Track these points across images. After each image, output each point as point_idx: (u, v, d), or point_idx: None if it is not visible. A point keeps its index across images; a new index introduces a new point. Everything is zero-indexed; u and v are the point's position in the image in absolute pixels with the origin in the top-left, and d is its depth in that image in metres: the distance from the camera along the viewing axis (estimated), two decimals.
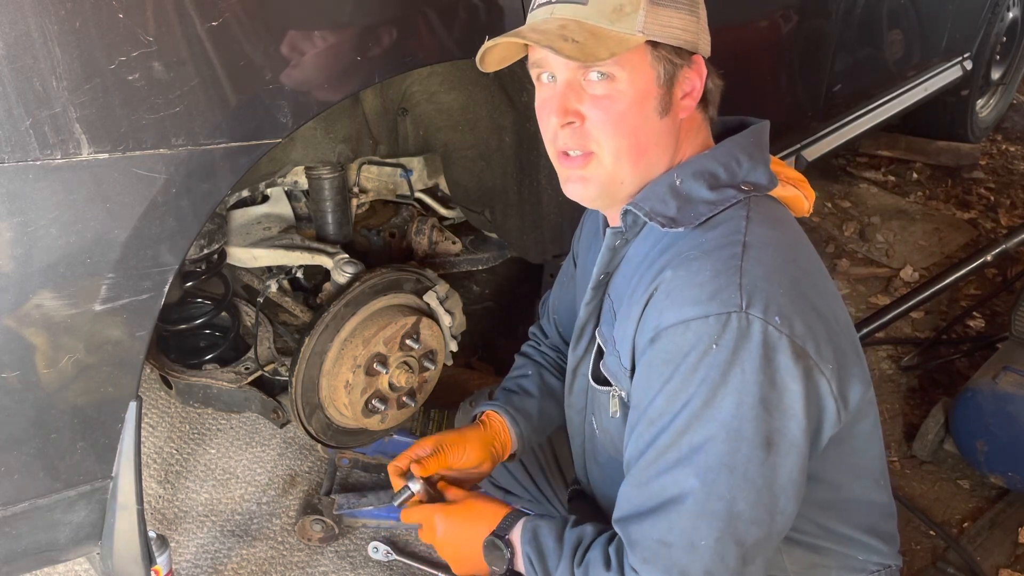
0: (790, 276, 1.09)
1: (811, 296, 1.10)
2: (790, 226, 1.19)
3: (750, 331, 1.03)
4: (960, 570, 2.01)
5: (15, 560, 1.32)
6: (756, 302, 1.04)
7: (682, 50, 1.14)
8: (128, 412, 1.30)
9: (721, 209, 1.13)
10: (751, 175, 1.17)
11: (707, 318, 1.04)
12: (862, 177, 3.94)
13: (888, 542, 1.31)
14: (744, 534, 1.05)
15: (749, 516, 1.05)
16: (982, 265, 2.85)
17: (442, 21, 1.50)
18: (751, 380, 1.03)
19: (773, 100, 2.64)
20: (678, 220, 1.12)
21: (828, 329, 1.09)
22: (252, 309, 1.98)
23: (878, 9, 2.89)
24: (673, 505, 1.05)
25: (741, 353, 1.03)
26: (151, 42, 1.14)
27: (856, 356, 1.15)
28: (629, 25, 1.10)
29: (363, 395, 1.84)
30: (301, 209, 2.08)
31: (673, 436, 1.06)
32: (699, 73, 1.16)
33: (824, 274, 1.20)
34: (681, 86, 1.16)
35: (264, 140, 1.30)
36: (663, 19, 1.12)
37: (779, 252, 1.11)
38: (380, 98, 1.90)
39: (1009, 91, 4.40)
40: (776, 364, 1.04)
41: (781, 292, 1.06)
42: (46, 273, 1.15)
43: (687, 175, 1.15)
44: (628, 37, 1.10)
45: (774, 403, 1.04)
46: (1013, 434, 2.11)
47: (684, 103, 1.17)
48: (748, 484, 1.04)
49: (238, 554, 1.98)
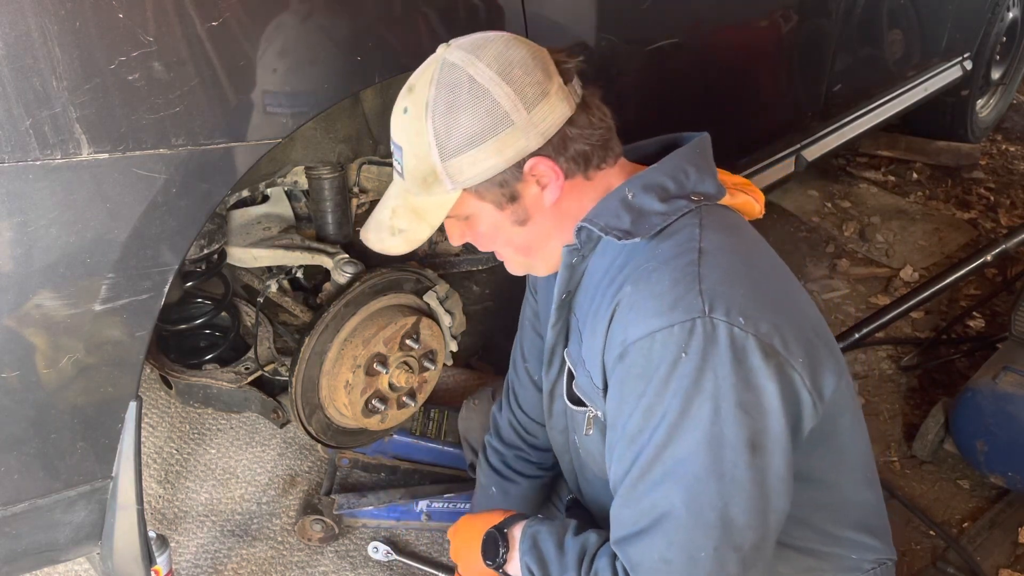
0: (749, 277, 1.10)
1: (772, 294, 1.12)
2: (744, 230, 1.21)
3: (716, 335, 1.03)
4: (960, 570, 2.01)
5: (15, 560, 1.32)
6: (718, 305, 1.04)
7: (509, 169, 1.13)
8: (128, 412, 1.30)
9: (674, 219, 1.14)
10: (699, 186, 1.18)
11: (672, 327, 1.04)
12: (862, 177, 3.94)
13: (881, 537, 1.31)
14: (741, 539, 1.05)
15: (743, 521, 1.05)
16: (982, 265, 2.85)
17: (442, 21, 1.50)
18: (725, 384, 1.03)
19: (773, 100, 2.64)
20: (633, 232, 1.13)
21: (793, 323, 1.10)
22: (252, 309, 1.98)
23: (878, 9, 2.88)
24: (667, 521, 1.06)
25: (711, 358, 1.03)
26: (151, 42, 1.14)
27: (826, 347, 1.16)
28: (440, 189, 1.15)
29: (363, 395, 1.84)
30: (301, 209, 2.08)
31: (655, 451, 1.06)
32: (545, 168, 1.14)
33: (785, 273, 1.21)
34: (531, 186, 1.16)
35: (264, 140, 1.30)
36: (466, 165, 1.12)
37: (735, 255, 1.12)
38: (380, 98, 1.90)
39: (1009, 91, 4.40)
40: (748, 365, 1.04)
41: (741, 293, 1.07)
42: (46, 273, 1.15)
43: (638, 189, 1.16)
44: (445, 200, 1.16)
45: (752, 404, 1.04)
46: (1013, 434, 2.11)
47: (546, 195, 1.16)
48: (737, 488, 1.04)
49: (238, 554, 1.98)
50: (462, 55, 1.12)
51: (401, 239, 1.20)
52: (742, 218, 1.25)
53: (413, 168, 1.15)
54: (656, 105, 2.14)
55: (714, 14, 2.22)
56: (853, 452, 1.25)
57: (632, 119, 2.09)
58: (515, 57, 1.12)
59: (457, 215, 1.19)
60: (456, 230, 1.23)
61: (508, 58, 1.11)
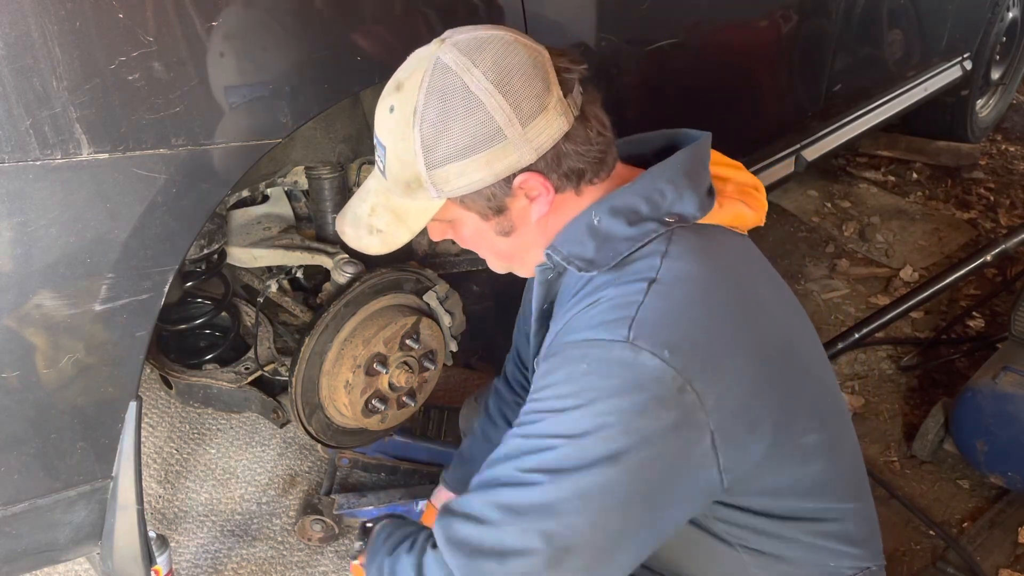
0: (697, 314, 1.07)
1: (720, 333, 1.07)
2: (717, 256, 1.14)
3: (634, 361, 1.02)
4: (960, 570, 2.01)
5: (15, 560, 1.32)
6: (644, 335, 1.02)
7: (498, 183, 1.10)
8: (128, 412, 1.30)
9: (640, 245, 1.10)
10: (676, 206, 1.12)
11: (591, 341, 1.05)
12: (862, 177, 3.94)
13: (862, 545, 1.27)
14: (556, 534, 1.02)
15: (567, 521, 1.02)
16: (982, 265, 2.85)
17: (442, 21, 1.50)
18: (614, 405, 1.01)
19: (773, 100, 2.64)
20: (595, 261, 1.11)
21: (734, 368, 1.07)
22: (252, 309, 1.98)
23: (878, 9, 2.89)
24: (498, 487, 1.06)
25: (611, 379, 1.02)
26: (151, 42, 1.14)
27: (771, 388, 1.11)
28: (423, 195, 1.11)
29: (363, 395, 1.84)
30: (301, 209, 2.08)
31: (524, 435, 1.07)
32: (535, 184, 1.10)
33: (755, 303, 1.15)
34: (520, 199, 1.12)
35: (264, 140, 1.30)
36: (453, 175, 1.08)
37: (690, 288, 1.08)
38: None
39: (1009, 91, 4.40)
40: (648, 393, 1.02)
41: (679, 328, 1.05)
42: (46, 273, 1.15)
43: (605, 212, 1.12)
44: (427, 206, 1.12)
45: (636, 429, 1.02)
46: (1013, 434, 2.11)
47: (535, 208, 1.13)
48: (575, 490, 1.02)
49: (238, 554, 1.98)
50: (457, 57, 1.06)
51: (379, 240, 1.17)
52: (725, 238, 1.18)
53: (396, 171, 1.11)
54: (656, 105, 2.14)
55: (714, 14, 2.22)
56: (825, 470, 1.21)
57: (632, 119, 2.09)
58: (514, 64, 1.06)
59: (440, 219, 1.16)
60: (438, 230, 1.20)
61: (506, 65, 1.06)
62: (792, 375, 1.16)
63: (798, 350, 1.21)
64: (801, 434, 1.17)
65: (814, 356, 1.27)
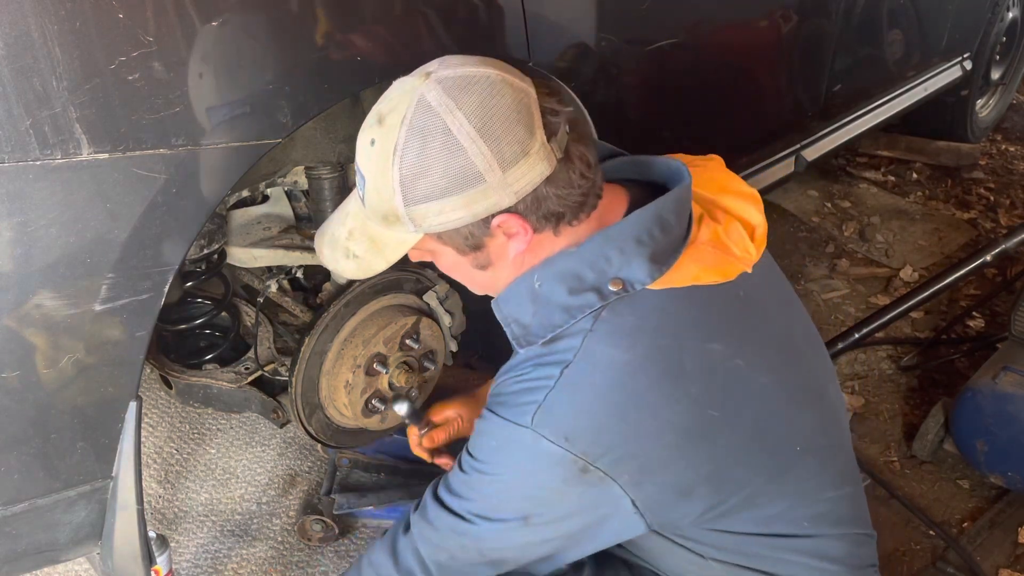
0: (607, 402, 1.08)
1: (632, 418, 1.08)
2: (647, 337, 1.10)
3: (535, 446, 1.09)
4: (960, 570, 2.01)
5: (15, 560, 1.32)
6: (545, 423, 1.07)
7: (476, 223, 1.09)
8: (128, 412, 1.30)
9: (574, 321, 1.10)
10: (623, 271, 1.09)
11: (500, 419, 1.12)
12: (862, 177, 3.94)
13: (841, 563, 1.26)
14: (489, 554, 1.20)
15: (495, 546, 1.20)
16: (982, 265, 2.84)
17: (442, 20, 1.50)
18: (517, 482, 1.13)
19: (773, 100, 2.64)
20: (530, 330, 1.13)
21: (647, 447, 1.09)
22: (252, 309, 1.98)
23: (878, 9, 2.89)
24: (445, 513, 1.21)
25: (512, 460, 1.13)
26: (151, 42, 1.14)
27: (707, 464, 1.13)
28: (401, 228, 1.11)
29: (363, 395, 1.84)
30: (301, 209, 2.08)
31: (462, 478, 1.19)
32: (513, 223, 1.09)
33: (690, 380, 1.11)
34: (495, 240, 1.12)
35: (264, 140, 1.30)
36: (432, 214, 1.07)
37: (605, 374, 1.07)
38: None
39: (1009, 91, 4.40)
40: (550, 474, 1.10)
41: (581, 419, 1.08)
42: (46, 273, 1.15)
43: (548, 277, 1.12)
44: (406, 238, 1.13)
45: (537, 498, 1.14)
46: (1013, 434, 2.11)
47: (513, 245, 1.12)
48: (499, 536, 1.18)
49: (238, 554, 1.98)
50: (440, 97, 1.03)
51: (355, 265, 1.18)
52: (678, 302, 1.12)
53: (375, 203, 1.11)
54: (656, 105, 2.14)
55: (714, 14, 2.22)
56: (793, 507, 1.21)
57: (632, 119, 2.09)
58: (498, 109, 1.04)
59: (419, 248, 1.16)
60: (417, 256, 1.20)
61: (490, 110, 1.03)
62: (737, 438, 1.14)
63: (756, 408, 1.16)
64: (754, 490, 1.17)
65: (794, 395, 1.22)
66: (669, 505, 1.13)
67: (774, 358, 1.21)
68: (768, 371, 1.18)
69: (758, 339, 1.20)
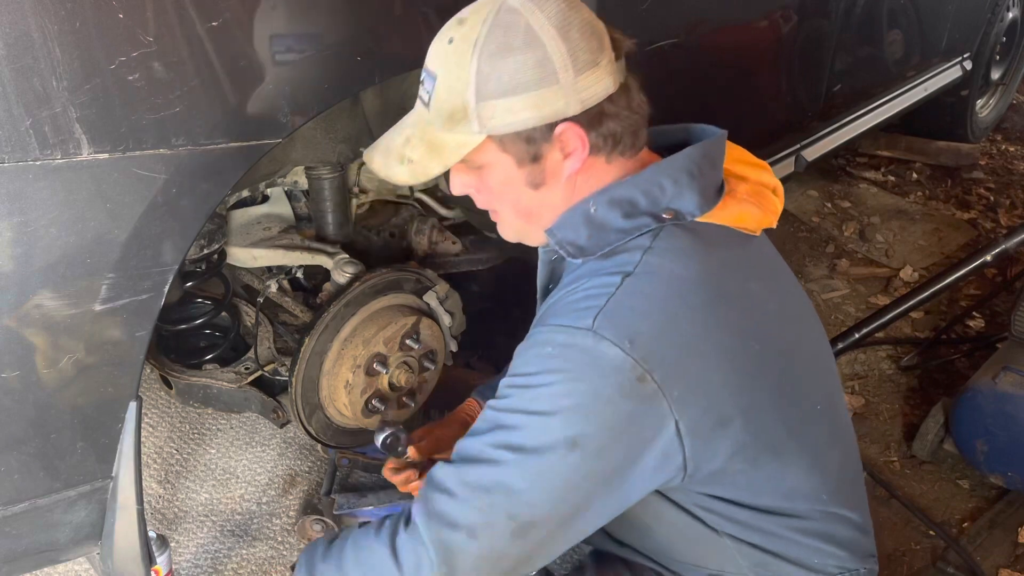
0: (668, 311, 1.09)
1: (690, 334, 1.10)
2: (702, 259, 1.14)
3: (593, 348, 1.06)
4: (960, 570, 2.01)
5: (15, 560, 1.32)
6: (607, 325, 1.06)
7: (541, 127, 1.11)
8: (128, 412, 1.30)
9: (630, 238, 1.13)
10: (675, 202, 1.14)
11: (558, 327, 1.09)
12: (862, 177, 3.94)
13: (849, 549, 1.28)
14: (518, 511, 1.09)
15: (528, 498, 1.09)
16: (982, 265, 2.84)
17: (442, 21, 1.50)
18: (573, 388, 1.07)
19: (773, 100, 2.64)
20: (586, 249, 1.15)
21: (699, 367, 1.09)
22: (252, 309, 1.98)
23: (878, 9, 2.89)
24: (468, 464, 1.11)
25: (571, 362, 1.07)
26: (151, 42, 1.14)
27: (745, 399, 1.13)
28: (465, 129, 1.12)
29: (363, 395, 1.84)
30: (301, 209, 2.08)
31: (495, 413, 1.12)
32: (575, 134, 1.12)
33: (738, 308, 1.16)
34: (555, 152, 1.14)
35: (264, 140, 1.30)
36: (500, 111, 1.10)
37: (665, 286, 1.10)
38: (380, 98, 1.90)
39: (1009, 91, 4.40)
40: (608, 380, 1.06)
41: (646, 323, 1.07)
42: (46, 273, 1.15)
43: (603, 203, 1.15)
44: (467, 141, 1.13)
45: (592, 411, 1.07)
46: (1013, 434, 2.11)
47: (568, 164, 1.14)
48: (538, 470, 1.08)
49: (238, 554, 1.98)
50: (524, 2, 1.09)
51: (408, 169, 1.17)
52: (722, 238, 1.18)
53: (443, 100, 1.12)
54: (656, 105, 2.14)
55: (714, 14, 2.22)
56: (809, 474, 1.22)
57: None
58: (575, 18, 1.09)
59: (472, 161, 1.15)
60: (461, 179, 1.20)
61: (568, 17, 1.09)
62: (771, 381, 1.17)
63: (787, 357, 1.21)
64: (779, 439, 1.18)
65: (810, 362, 1.27)
66: (706, 434, 1.11)
67: (795, 318, 1.27)
68: (793, 326, 1.24)
69: (782, 296, 1.26)
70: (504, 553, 1.11)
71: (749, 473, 1.17)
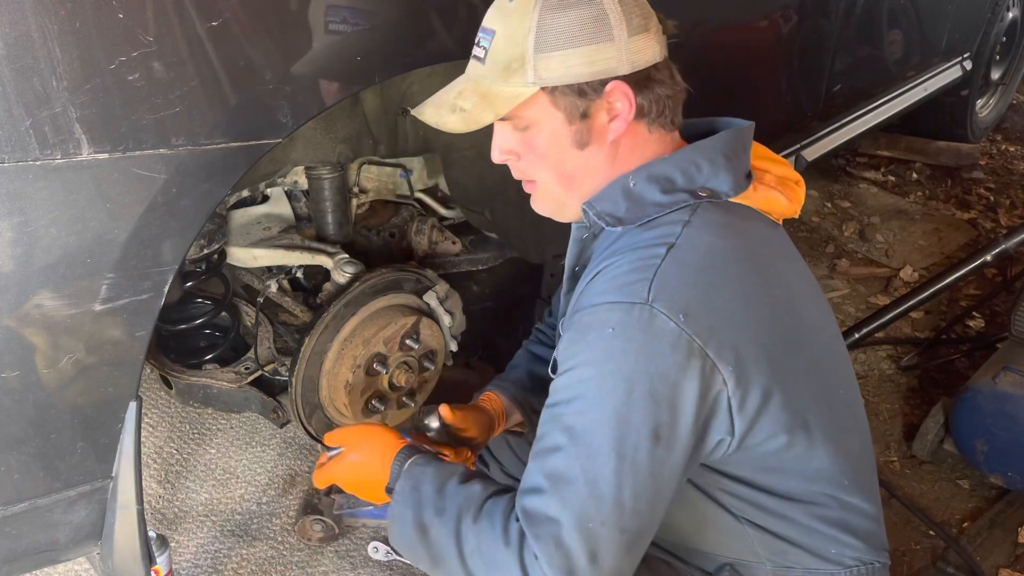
0: (711, 281, 1.11)
1: (728, 302, 1.11)
2: (739, 234, 1.19)
3: (651, 323, 1.06)
4: (960, 570, 2.01)
5: (15, 560, 1.32)
6: (662, 297, 1.06)
7: (590, 82, 1.14)
8: (128, 412, 1.30)
9: (668, 212, 1.16)
10: (711, 181, 1.18)
11: (612, 304, 1.08)
12: (862, 177, 3.94)
13: (866, 541, 1.29)
14: (628, 523, 1.07)
15: (632, 506, 1.06)
16: (982, 265, 2.84)
17: (442, 21, 1.50)
18: (642, 370, 1.05)
19: (773, 100, 2.64)
20: (624, 219, 1.17)
21: (737, 333, 1.10)
22: (252, 309, 1.98)
23: (878, 9, 2.88)
24: (565, 486, 1.07)
25: (635, 342, 1.06)
26: (151, 42, 1.14)
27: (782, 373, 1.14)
28: (520, 79, 1.15)
29: (363, 395, 1.84)
30: (301, 209, 2.08)
31: (570, 418, 1.09)
32: (623, 94, 1.15)
33: (773, 283, 1.19)
34: (602, 113, 1.17)
35: (264, 140, 1.30)
36: (555, 63, 1.13)
37: (707, 257, 1.13)
38: (380, 98, 1.90)
39: (1009, 91, 4.40)
40: (673, 359, 1.06)
41: (693, 294, 1.08)
42: (46, 273, 1.15)
43: (642, 178, 1.18)
44: (520, 92, 1.15)
45: (664, 397, 1.06)
46: (1013, 434, 2.11)
47: (613, 126, 1.17)
48: (634, 473, 1.06)
49: (238, 554, 1.98)
50: None
51: (461, 118, 1.18)
52: (753, 220, 1.23)
53: (501, 51, 1.15)
54: None
55: (714, 14, 2.22)
56: (832, 459, 1.23)
57: None
58: None
59: (520, 120, 1.18)
60: (505, 141, 1.21)
61: None
62: (802, 358, 1.19)
63: (813, 336, 1.23)
64: (810, 416, 1.19)
65: (830, 346, 1.29)
66: (752, 409, 1.12)
67: (817, 303, 1.29)
68: (815, 310, 1.27)
69: (804, 280, 1.28)
70: (622, 568, 1.09)
71: (781, 454, 1.18)
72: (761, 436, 1.15)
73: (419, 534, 1.15)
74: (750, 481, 1.21)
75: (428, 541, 1.14)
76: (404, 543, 1.18)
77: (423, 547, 1.15)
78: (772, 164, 1.30)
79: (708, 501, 1.24)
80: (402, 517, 1.17)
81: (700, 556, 1.33)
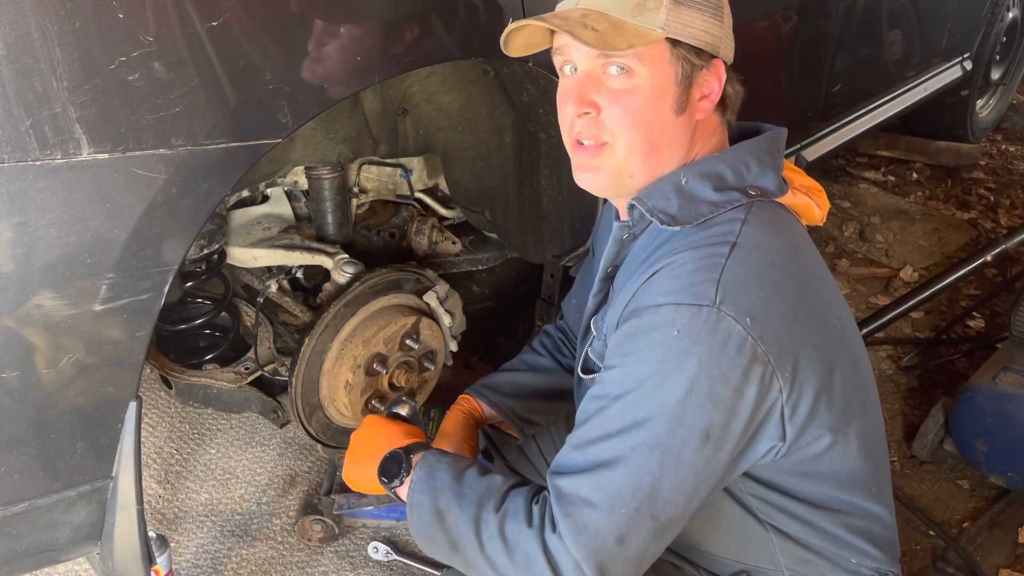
0: (772, 281, 1.11)
1: (790, 303, 1.11)
2: (791, 232, 1.20)
3: (718, 326, 1.05)
4: (960, 570, 2.01)
5: (15, 560, 1.32)
6: (729, 300, 1.06)
7: (702, 52, 1.16)
8: (128, 412, 1.30)
9: (722, 211, 1.15)
10: (759, 180, 1.18)
11: (679, 305, 1.07)
12: (862, 177, 3.94)
13: (883, 550, 1.29)
14: (661, 511, 1.08)
15: (669, 496, 1.07)
16: (982, 265, 2.84)
17: (442, 21, 1.50)
18: (704, 372, 1.05)
19: (773, 100, 2.64)
20: (678, 218, 1.14)
21: (797, 338, 1.10)
22: (252, 309, 1.98)
23: (878, 9, 2.88)
24: (603, 469, 1.08)
25: (701, 344, 1.05)
26: (151, 42, 1.14)
27: (831, 375, 1.14)
28: (651, 20, 1.13)
29: (363, 395, 1.84)
30: (301, 209, 2.08)
31: (621, 408, 1.09)
32: (718, 76, 1.18)
33: (821, 282, 1.21)
34: (699, 87, 1.18)
35: (264, 140, 1.30)
36: (685, 19, 1.14)
37: (768, 255, 1.12)
38: (380, 98, 1.90)
39: (1009, 91, 4.40)
40: (734, 363, 1.05)
41: (758, 295, 1.08)
42: (46, 273, 1.15)
43: (693, 175, 1.17)
44: (648, 32, 1.13)
45: (722, 399, 1.06)
46: (1013, 434, 2.11)
47: (701, 104, 1.18)
48: (677, 467, 1.06)
49: (238, 554, 1.98)
50: None
51: (594, 36, 1.11)
52: (795, 220, 1.24)
53: None
54: None
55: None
56: (864, 465, 1.23)
57: None
58: None
59: (632, 63, 1.13)
60: (597, 84, 1.16)
61: None
62: (847, 358, 1.20)
63: (851, 337, 1.24)
64: (849, 419, 1.19)
65: (860, 349, 1.29)
66: (805, 415, 1.12)
67: (844, 304, 1.30)
68: (845, 311, 1.28)
69: (833, 282, 1.29)
70: (647, 553, 1.10)
71: (820, 457, 1.17)
72: (807, 439, 1.15)
73: (437, 520, 1.15)
74: (782, 487, 1.20)
75: (446, 527, 1.15)
76: (422, 530, 1.18)
77: (441, 533, 1.15)
78: (793, 173, 1.31)
79: (735, 505, 1.23)
80: (420, 505, 1.18)
81: (714, 561, 1.32)
